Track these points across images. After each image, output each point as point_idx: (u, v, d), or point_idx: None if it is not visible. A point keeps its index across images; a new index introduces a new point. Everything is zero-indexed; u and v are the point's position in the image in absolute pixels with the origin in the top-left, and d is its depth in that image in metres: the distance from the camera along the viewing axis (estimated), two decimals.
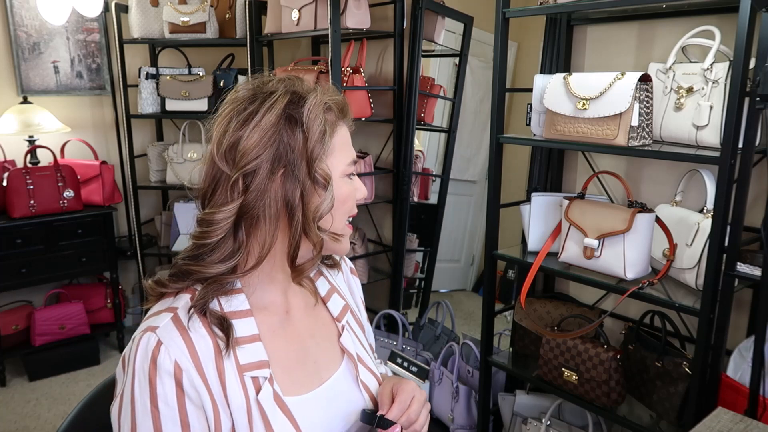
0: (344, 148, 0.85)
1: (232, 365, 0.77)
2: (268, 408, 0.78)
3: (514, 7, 1.82)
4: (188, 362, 0.74)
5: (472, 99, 3.76)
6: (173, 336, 0.75)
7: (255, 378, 0.79)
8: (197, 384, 0.74)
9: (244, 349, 0.79)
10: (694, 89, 1.54)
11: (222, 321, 0.78)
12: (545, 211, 1.91)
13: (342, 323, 0.95)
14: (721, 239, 1.42)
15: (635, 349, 1.73)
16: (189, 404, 0.74)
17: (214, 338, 0.77)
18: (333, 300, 0.97)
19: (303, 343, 0.88)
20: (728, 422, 1.12)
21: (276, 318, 0.86)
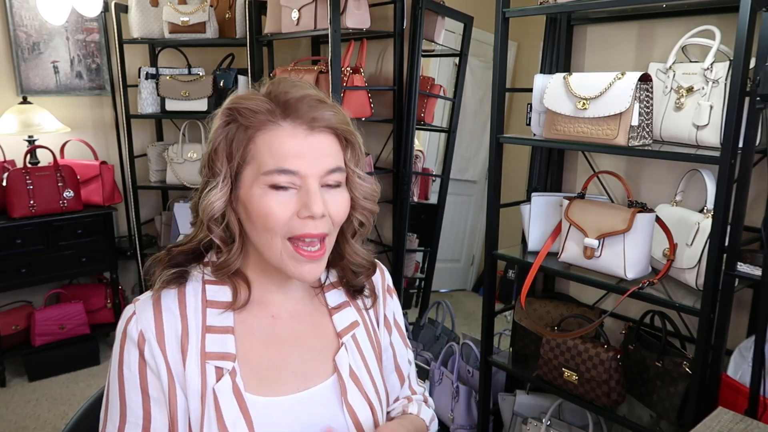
0: (269, 154, 0.78)
1: (196, 349, 0.80)
2: (224, 399, 0.78)
3: (514, 7, 1.82)
4: (151, 334, 0.79)
5: (472, 99, 3.76)
6: (146, 309, 0.81)
7: (219, 368, 0.80)
8: (156, 355, 0.79)
9: (213, 337, 0.82)
10: (694, 89, 1.54)
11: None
12: (545, 211, 1.90)
13: (343, 340, 0.91)
14: (721, 239, 1.42)
15: (635, 349, 1.73)
16: (149, 373, 0.79)
17: (184, 320, 0.81)
18: (342, 314, 0.93)
19: (283, 348, 0.87)
20: (728, 422, 1.12)
21: (259, 319, 0.87)
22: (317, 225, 0.78)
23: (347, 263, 0.92)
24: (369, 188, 0.88)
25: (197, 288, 0.84)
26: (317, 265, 0.81)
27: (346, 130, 0.83)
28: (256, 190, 0.78)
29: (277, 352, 0.86)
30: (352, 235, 0.91)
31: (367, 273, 0.95)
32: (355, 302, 0.96)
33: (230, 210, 0.81)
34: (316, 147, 0.79)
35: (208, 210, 0.79)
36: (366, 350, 0.93)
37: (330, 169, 0.80)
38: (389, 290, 1.02)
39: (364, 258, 0.93)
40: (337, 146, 0.82)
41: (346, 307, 0.94)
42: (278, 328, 0.88)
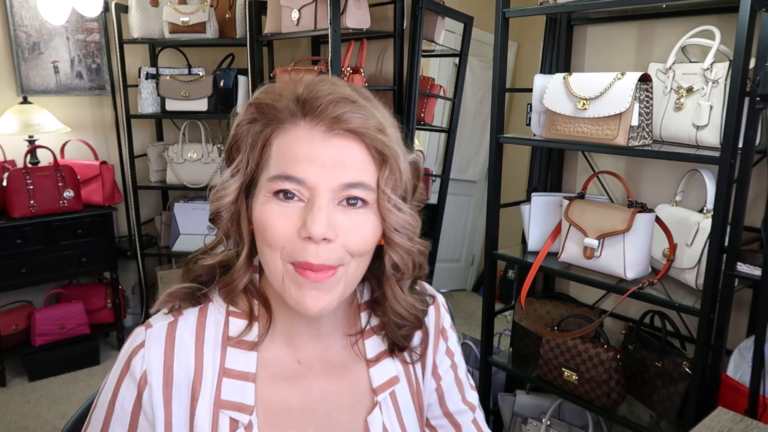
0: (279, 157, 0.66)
1: (210, 395, 0.70)
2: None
3: (514, 7, 1.82)
4: (157, 377, 0.68)
5: (472, 99, 3.76)
6: (156, 343, 0.69)
7: (234, 420, 0.69)
8: (156, 404, 0.68)
9: (231, 383, 0.70)
10: (694, 89, 1.54)
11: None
12: (545, 211, 1.90)
13: (379, 398, 0.76)
14: (721, 239, 1.42)
15: (635, 349, 1.73)
16: (143, 419, 0.69)
17: (199, 360, 0.70)
18: (381, 367, 0.78)
19: (308, 401, 0.74)
20: (728, 422, 1.12)
21: (283, 362, 0.74)
22: (319, 252, 0.63)
23: (389, 308, 0.76)
24: (405, 219, 0.69)
25: (219, 320, 0.72)
26: (324, 294, 0.66)
27: (378, 141, 0.66)
28: (261, 198, 0.67)
29: (300, 404, 0.74)
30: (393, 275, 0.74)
31: (411, 328, 0.78)
32: (399, 353, 0.81)
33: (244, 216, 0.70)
34: (334, 153, 0.64)
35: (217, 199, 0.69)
36: (406, 410, 0.79)
37: (348, 182, 0.64)
38: (443, 332, 0.85)
39: (407, 309, 0.76)
40: (367, 158, 0.66)
41: (386, 359, 0.79)
42: (305, 378, 0.75)
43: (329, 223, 0.63)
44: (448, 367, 0.86)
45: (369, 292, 0.80)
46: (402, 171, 0.69)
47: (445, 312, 0.87)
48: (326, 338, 0.77)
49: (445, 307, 0.87)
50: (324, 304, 0.66)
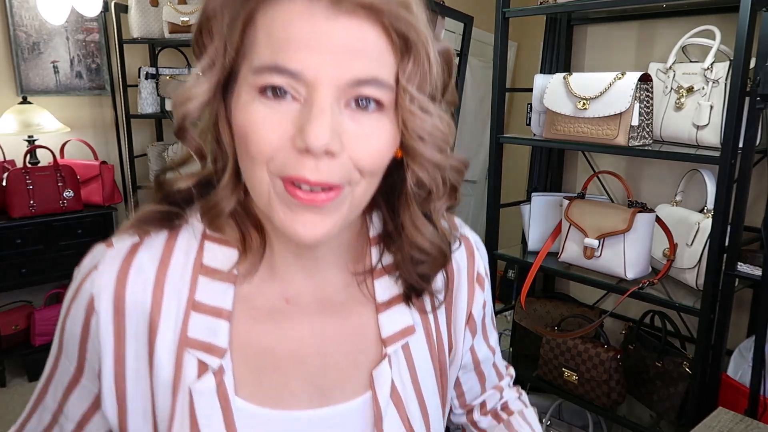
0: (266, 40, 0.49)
1: (173, 330, 0.58)
2: (202, 404, 0.57)
3: (514, 7, 1.82)
4: (105, 306, 0.57)
5: (472, 99, 3.76)
6: (112, 268, 0.58)
7: (202, 363, 0.58)
8: (104, 333, 0.57)
9: (200, 319, 0.58)
10: (694, 89, 1.54)
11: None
12: (545, 211, 1.90)
13: (388, 350, 0.63)
14: (721, 239, 1.42)
15: (635, 349, 1.73)
16: (90, 346, 0.59)
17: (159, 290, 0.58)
18: (393, 312, 0.64)
19: (300, 350, 0.62)
20: (728, 422, 1.12)
21: (267, 299, 0.61)
22: (319, 168, 0.49)
23: (406, 242, 0.61)
24: (433, 125, 0.54)
25: (192, 245, 0.60)
26: (321, 220, 0.52)
27: (403, 20, 0.49)
28: (243, 96, 0.51)
29: (288, 350, 0.61)
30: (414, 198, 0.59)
31: (433, 266, 0.63)
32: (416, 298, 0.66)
33: (225, 122, 0.55)
34: (341, 37, 0.48)
35: (180, 105, 0.54)
36: (421, 367, 0.66)
37: (359, 78, 0.49)
38: (479, 279, 0.71)
39: (430, 240, 0.61)
40: (384, 44, 0.50)
41: (399, 304, 0.65)
42: (294, 320, 0.62)
43: (333, 131, 0.48)
44: (482, 319, 0.75)
45: (381, 223, 0.65)
46: (432, 62, 0.53)
47: (481, 257, 0.72)
48: (324, 273, 0.63)
49: (480, 250, 0.72)
50: (322, 231, 0.52)
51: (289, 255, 0.61)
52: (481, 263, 0.72)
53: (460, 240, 0.69)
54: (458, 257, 0.70)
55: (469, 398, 0.82)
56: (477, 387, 0.81)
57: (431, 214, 0.61)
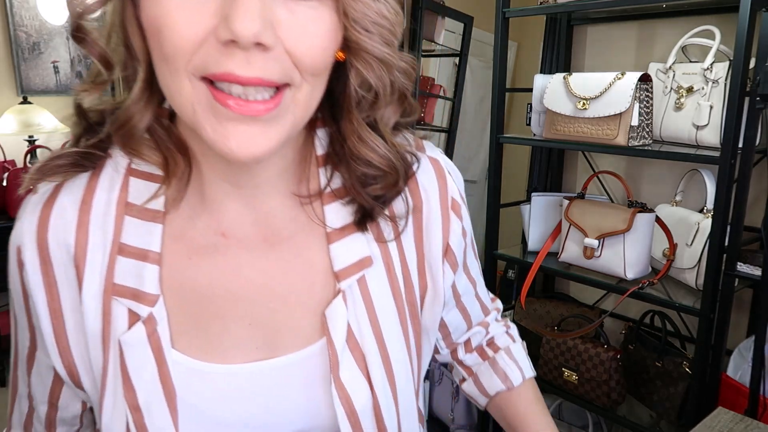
0: None
1: (99, 276, 0.52)
2: (133, 357, 0.51)
3: (514, 7, 1.82)
4: (30, 256, 0.52)
5: (472, 99, 3.77)
6: (33, 214, 0.53)
7: (133, 312, 0.52)
8: (34, 285, 0.53)
9: (126, 264, 0.52)
10: (694, 89, 1.54)
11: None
12: (545, 211, 1.90)
13: (342, 285, 0.55)
14: (721, 239, 1.42)
15: (635, 349, 1.73)
16: (32, 307, 0.54)
17: (83, 231, 0.53)
18: (347, 242, 0.56)
19: (242, 289, 0.55)
20: (728, 422, 1.12)
21: (202, 234, 0.54)
22: (251, 62, 0.41)
23: (349, 156, 0.54)
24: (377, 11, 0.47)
25: (116, 180, 0.53)
26: (261, 132, 0.45)
27: None
28: None
29: (228, 290, 0.54)
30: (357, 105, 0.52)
31: (385, 184, 0.55)
32: (374, 225, 0.58)
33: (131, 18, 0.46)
34: None
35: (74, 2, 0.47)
36: (381, 304, 0.58)
37: None
38: (454, 206, 0.62)
39: (378, 153, 0.54)
40: None
41: (354, 233, 0.57)
42: (233, 255, 0.55)
43: (264, 20, 0.41)
44: (463, 251, 0.65)
45: (329, 139, 0.57)
46: None
47: (454, 180, 0.63)
48: (266, 201, 0.55)
49: (452, 173, 0.64)
50: (262, 148, 0.45)
51: (222, 181, 0.53)
52: (455, 188, 0.63)
53: (418, 158, 0.59)
54: (426, 182, 0.60)
55: (454, 336, 0.76)
56: (462, 324, 0.75)
57: (378, 124, 0.54)
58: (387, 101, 0.52)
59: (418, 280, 0.61)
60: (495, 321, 0.80)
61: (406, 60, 0.53)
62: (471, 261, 0.71)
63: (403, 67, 0.52)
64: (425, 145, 0.63)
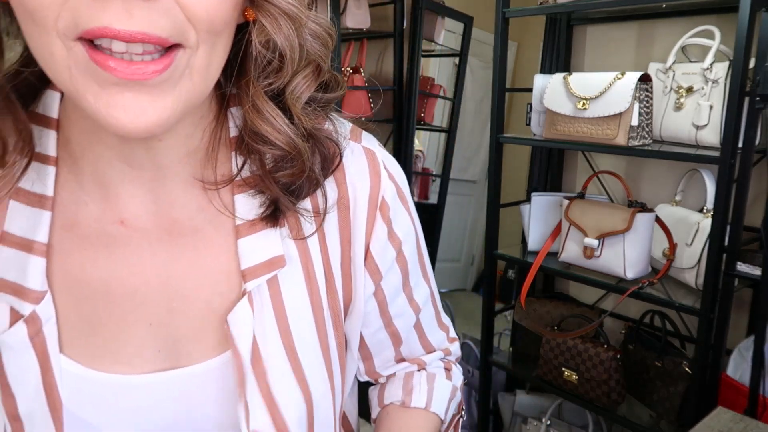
0: None
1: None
2: (13, 360, 0.45)
3: (514, 7, 1.82)
4: None
5: (472, 99, 3.76)
6: None
7: (15, 311, 0.46)
8: None
9: (7, 254, 0.46)
10: (694, 89, 1.55)
11: None
12: (545, 211, 1.91)
13: (250, 285, 0.49)
14: (721, 239, 1.42)
15: (635, 348, 1.73)
16: None
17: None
18: (257, 238, 0.50)
19: (141, 286, 0.49)
20: (728, 422, 1.12)
21: (98, 225, 0.48)
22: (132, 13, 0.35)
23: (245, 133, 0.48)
24: None
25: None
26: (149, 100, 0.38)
27: None
28: None
29: (125, 286, 0.48)
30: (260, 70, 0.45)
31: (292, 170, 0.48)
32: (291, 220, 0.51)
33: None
34: None
35: None
36: (295, 309, 0.51)
37: None
38: (382, 206, 0.54)
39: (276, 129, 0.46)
40: None
41: (266, 229, 0.50)
42: (133, 247, 0.48)
43: None
44: (392, 260, 0.57)
45: (243, 120, 0.49)
46: None
47: (390, 177, 0.55)
48: (171, 188, 0.49)
49: (390, 168, 0.56)
50: (153, 117, 0.38)
51: (118, 162, 0.46)
52: (390, 187, 0.55)
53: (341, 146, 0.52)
54: (355, 175, 0.53)
55: (377, 363, 0.64)
56: (389, 351, 0.63)
57: (287, 97, 0.47)
58: (295, 67, 0.46)
59: (342, 285, 0.54)
60: (436, 361, 0.67)
61: (320, 22, 0.47)
62: (417, 282, 0.62)
63: (315, 30, 0.47)
64: (364, 135, 0.57)
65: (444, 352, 0.68)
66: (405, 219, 0.57)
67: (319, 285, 0.52)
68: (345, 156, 0.53)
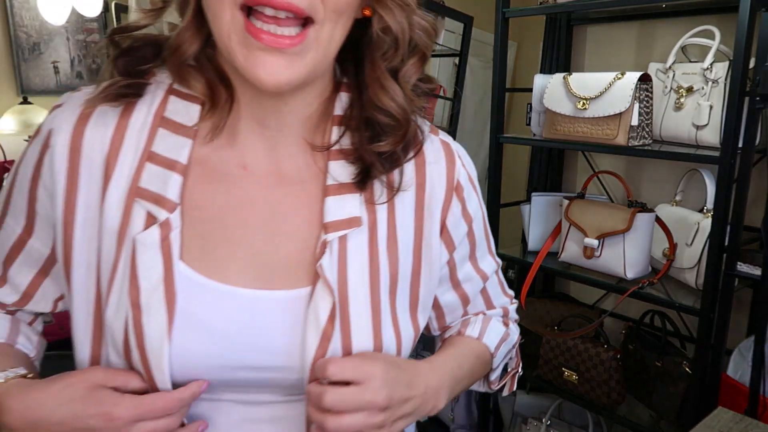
0: None
1: (126, 178, 0.56)
2: (144, 258, 0.54)
3: (514, 7, 1.82)
4: (64, 141, 0.57)
5: (472, 99, 3.76)
6: (74, 107, 0.58)
7: (151, 215, 0.56)
8: (57, 170, 0.56)
9: (153, 170, 0.56)
10: (693, 89, 1.54)
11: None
12: (545, 211, 1.91)
13: (329, 237, 0.58)
14: (721, 239, 1.42)
15: (635, 348, 1.73)
16: (41, 190, 0.58)
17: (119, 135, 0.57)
18: (342, 199, 0.60)
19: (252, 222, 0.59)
20: (728, 422, 1.12)
21: (224, 164, 0.60)
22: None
23: (368, 105, 0.60)
24: None
25: (158, 95, 0.59)
26: (287, 63, 0.51)
27: None
28: None
29: (239, 220, 0.59)
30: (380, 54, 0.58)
31: (394, 137, 0.60)
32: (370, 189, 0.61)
33: None
34: None
35: None
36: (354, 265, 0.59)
37: None
38: (457, 188, 0.66)
39: (395, 101, 0.59)
40: None
41: (350, 193, 0.60)
42: (248, 188, 0.60)
43: None
44: (464, 234, 0.69)
45: (349, 104, 0.62)
46: None
47: (463, 165, 0.67)
48: (285, 146, 0.61)
49: (463, 158, 0.68)
50: (286, 77, 0.51)
51: (252, 120, 0.59)
52: (464, 172, 0.67)
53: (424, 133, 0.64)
54: (433, 161, 0.65)
55: (448, 319, 0.76)
56: (458, 309, 0.75)
57: (399, 79, 0.59)
58: (406, 52, 0.58)
59: (412, 256, 0.63)
60: (495, 316, 0.79)
61: (426, 19, 0.59)
62: (482, 254, 0.74)
63: (423, 24, 0.58)
64: (440, 132, 0.68)
65: (503, 311, 0.80)
66: (475, 200, 0.69)
67: (379, 250, 0.61)
68: (425, 146, 0.64)
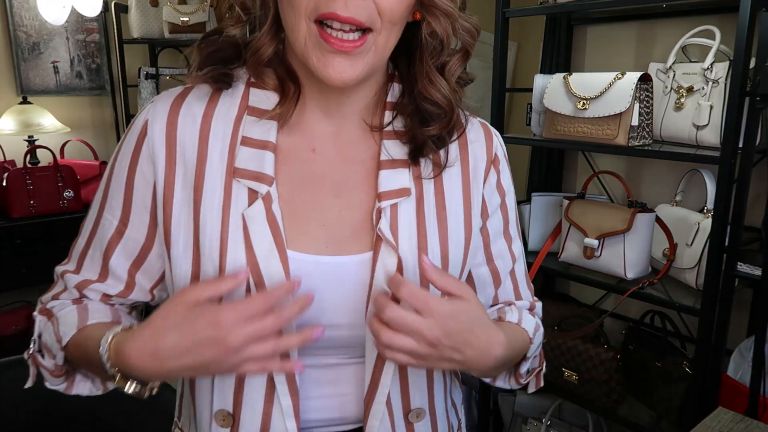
0: None
1: (220, 161, 0.66)
2: (256, 228, 0.64)
3: (514, 7, 1.82)
4: (158, 129, 0.66)
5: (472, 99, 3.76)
6: (164, 100, 0.68)
7: (252, 191, 0.65)
8: (157, 155, 0.66)
9: (248, 152, 0.66)
10: (694, 89, 1.54)
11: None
12: (545, 211, 1.90)
13: (383, 204, 0.67)
14: (721, 239, 1.42)
15: (635, 349, 1.73)
16: (139, 178, 0.67)
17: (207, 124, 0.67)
18: (394, 172, 0.69)
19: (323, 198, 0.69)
20: (728, 422, 1.12)
21: (297, 149, 0.69)
22: (348, 6, 0.59)
23: (418, 97, 0.69)
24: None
25: (239, 88, 0.69)
26: (350, 64, 0.62)
27: None
28: None
29: (312, 196, 0.68)
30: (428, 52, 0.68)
31: (441, 123, 0.70)
32: (419, 166, 0.71)
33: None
34: None
35: None
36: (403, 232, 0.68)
37: None
38: (495, 161, 0.77)
39: (441, 93, 0.69)
40: None
41: (401, 168, 0.70)
42: (318, 168, 0.69)
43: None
44: (497, 205, 0.77)
45: (399, 93, 0.73)
46: None
47: (500, 144, 0.79)
48: (347, 129, 0.71)
49: (498, 138, 0.79)
50: (350, 75, 0.62)
51: (318, 110, 0.70)
52: (499, 146, 0.78)
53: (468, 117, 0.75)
54: (474, 139, 0.76)
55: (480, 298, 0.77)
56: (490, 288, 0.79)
57: (445, 73, 0.69)
58: (450, 50, 0.68)
59: (463, 225, 0.72)
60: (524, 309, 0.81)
61: (471, 21, 0.69)
62: (513, 234, 0.80)
63: (466, 26, 0.68)
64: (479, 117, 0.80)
65: (530, 305, 0.83)
66: (508, 177, 0.79)
67: (427, 220, 0.69)
68: (468, 128, 0.75)
